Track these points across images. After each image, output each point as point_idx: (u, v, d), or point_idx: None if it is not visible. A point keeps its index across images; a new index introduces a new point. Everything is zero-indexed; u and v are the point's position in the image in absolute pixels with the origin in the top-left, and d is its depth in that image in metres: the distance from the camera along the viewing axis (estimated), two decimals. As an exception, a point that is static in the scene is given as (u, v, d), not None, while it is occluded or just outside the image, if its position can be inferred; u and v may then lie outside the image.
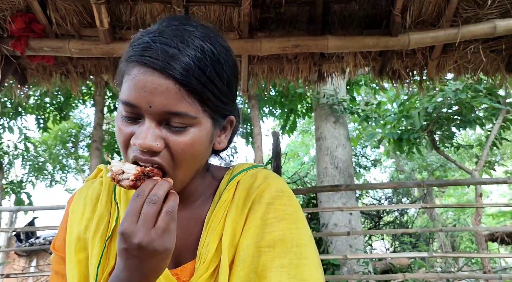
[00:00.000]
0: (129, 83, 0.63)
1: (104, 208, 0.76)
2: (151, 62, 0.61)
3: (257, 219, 0.70)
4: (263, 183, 0.74)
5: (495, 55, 3.21)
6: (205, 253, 0.70)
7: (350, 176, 5.66)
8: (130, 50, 0.66)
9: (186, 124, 0.64)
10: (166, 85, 0.61)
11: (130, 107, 0.64)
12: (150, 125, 0.63)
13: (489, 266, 4.77)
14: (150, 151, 0.63)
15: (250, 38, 2.90)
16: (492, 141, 5.37)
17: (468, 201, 17.70)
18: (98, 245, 0.71)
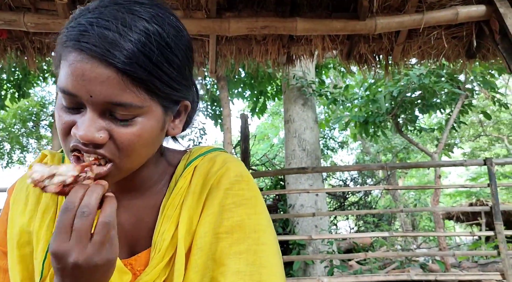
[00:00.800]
0: (66, 70, 0.57)
1: (50, 198, 0.70)
2: (89, 49, 0.55)
3: (215, 206, 0.67)
4: (221, 168, 0.70)
5: (457, 41, 3.31)
6: (160, 242, 0.67)
7: (317, 158, 5.76)
8: (66, 32, 0.59)
9: (132, 114, 0.59)
10: (107, 74, 0.55)
11: (69, 96, 0.58)
12: (92, 116, 0.57)
13: (444, 243, 5.04)
14: (93, 144, 0.58)
15: (218, 17, 2.84)
16: (452, 125, 5.59)
17: (429, 182, 18.52)
18: (44, 239, 0.65)
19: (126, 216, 0.71)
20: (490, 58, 3.48)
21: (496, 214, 3.50)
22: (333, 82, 11.35)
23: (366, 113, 5.61)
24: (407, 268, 4.80)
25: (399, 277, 3.44)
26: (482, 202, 10.49)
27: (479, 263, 5.68)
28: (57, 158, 0.76)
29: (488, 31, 3.02)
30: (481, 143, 17.49)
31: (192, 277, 0.64)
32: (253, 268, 0.62)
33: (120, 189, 0.70)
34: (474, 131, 15.69)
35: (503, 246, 3.49)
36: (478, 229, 11.80)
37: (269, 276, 0.62)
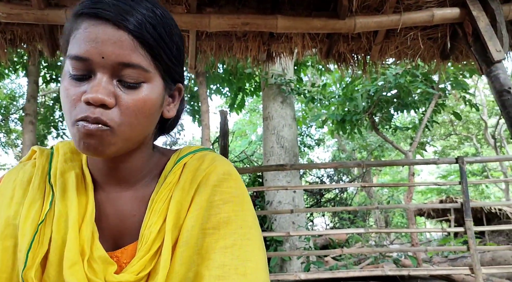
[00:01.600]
0: (79, 36, 0.61)
1: (36, 191, 0.70)
2: (103, 13, 0.60)
3: (203, 201, 0.68)
4: (210, 166, 0.72)
5: (432, 42, 3.39)
6: (147, 234, 0.67)
7: (295, 155, 5.80)
8: (78, 6, 0.63)
9: (139, 79, 0.62)
10: (119, 35, 0.60)
11: (80, 62, 0.60)
12: (102, 79, 0.60)
13: (416, 239, 5.20)
14: (101, 107, 0.60)
15: (199, 13, 2.81)
16: (425, 124, 5.75)
17: (402, 179, 19.01)
18: (29, 230, 0.65)
19: (113, 209, 0.72)
20: (462, 60, 3.59)
21: (466, 211, 3.63)
22: (310, 80, 11.45)
23: (343, 111, 5.70)
24: (381, 263, 4.92)
25: (373, 272, 3.52)
26: (452, 199, 10.87)
27: (449, 258, 5.89)
28: (45, 154, 0.76)
29: (462, 33, 3.12)
30: (451, 142, 18.09)
31: (177, 269, 0.65)
32: (238, 261, 0.63)
33: (109, 180, 0.71)
34: (445, 130, 16.20)
35: (472, 241, 3.62)
36: (447, 225, 12.21)
37: (254, 270, 0.63)
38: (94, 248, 0.66)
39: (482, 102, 15.04)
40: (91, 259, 0.65)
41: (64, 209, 0.67)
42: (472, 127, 16.18)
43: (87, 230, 0.66)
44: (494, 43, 2.83)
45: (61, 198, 0.68)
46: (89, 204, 0.69)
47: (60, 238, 0.65)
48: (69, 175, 0.71)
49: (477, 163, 10.00)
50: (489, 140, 14.76)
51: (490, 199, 19.92)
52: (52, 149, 0.77)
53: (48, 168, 0.73)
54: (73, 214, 0.66)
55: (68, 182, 0.70)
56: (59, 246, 0.65)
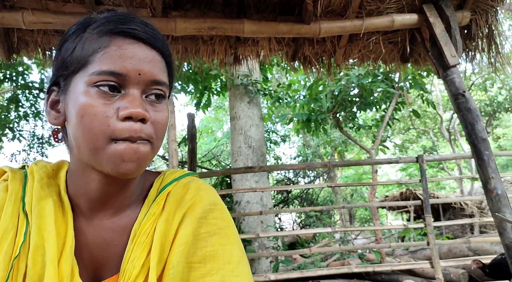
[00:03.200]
0: (113, 53, 0.62)
1: (9, 220, 0.64)
2: (140, 34, 0.64)
3: (188, 235, 0.67)
4: (195, 196, 0.71)
5: (392, 46, 3.52)
6: (130, 268, 0.65)
7: (263, 154, 5.85)
8: (106, 24, 0.64)
9: (163, 96, 0.66)
10: (153, 55, 0.64)
11: (114, 77, 0.61)
12: (137, 94, 0.62)
13: (380, 233, 5.39)
14: (141, 122, 0.61)
15: (164, 17, 2.77)
16: (387, 121, 5.96)
17: (364, 173, 19.60)
18: (2, 267, 0.60)
19: (94, 237, 0.68)
20: (421, 63, 3.75)
21: (426, 207, 3.81)
22: (276, 78, 11.54)
23: (309, 111, 5.80)
24: (347, 258, 5.08)
25: (340, 270, 3.63)
26: (411, 191, 11.34)
27: (410, 251, 6.16)
28: (18, 178, 0.70)
29: (420, 38, 3.25)
30: (410, 136, 18.81)
31: None
32: None
33: (96, 206, 0.68)
34: (404, 124, 16.81)
35: (432, 236, 3.81)
36: (407, 215, 12.75)
37: None
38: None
39: (437, 98, 15.73)
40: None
41: (40, 242, 0.62)
42: (429, 122, 16.89)
43: (66, 265, 0.63)
44: (449, 49, 2.97)
45: (37, 229, 0.63)
46: (68, 235, 0.65)
47: (36, 274, 0.61)
48: (46, 202, 0.66)
49: (435, 161, 10.47)
50: (445, 133, 15.47)
51: (445, 190, 20.92)
52: (25, 170, 0.72)
53: (22, 194, 0.67)
54: (51, 247, 0.62)
55: (45, 211, 0.65)
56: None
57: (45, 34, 2.84)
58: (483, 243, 4.97)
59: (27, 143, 8.50)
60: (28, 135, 8.53)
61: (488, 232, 8.88)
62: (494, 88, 14.82)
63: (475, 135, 2.82)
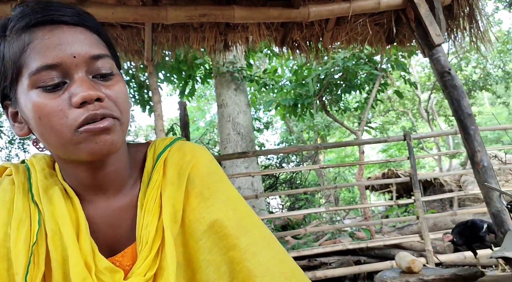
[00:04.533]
0: (39, 48, 0.59)
1: (22, 211, 0.66)
2: (57, 17, 0.60)
3: (198, 195, 0.72)
4: (194, 157, 0.74)
5: (378, 28, 3.60)
6: (145, 234, 0.68)
7: (252, 140, 5.91)
8: (20, 20, 0.61)
9: (111, 69, 0.64)
10: (80, 32, 0.62)
11: (52, 70, 0.59)
12: (82, 77, 0.60)
13: (369, 212, 5.56)
14: (98, 101, 0.60)
15: (155, 5, 2.76)
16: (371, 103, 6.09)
17: (346, 156, 19.94)
18: (23, 253, 0.63)
19: (103, 220, 0.71)
20: (406, 43, 3.85)
21: (415, 183, 3.96)
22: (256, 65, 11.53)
23: (295, 95, 5.87)
24: (338, 238, 5.22)
25: (335, 248, 3.76)
26: (393, 171, 11.61)
27: (397, 227, 6.38)
28: (22, 171, 0.72)
29: (405, 19, 3.33)
30: (389, 118, 19.18)
31: (208, 258, 0.68)
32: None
33: (94, 191, 0.70)
34: (384, 106, 17.11)
35: (421, 211, 3.97)
36: (390, 196, 13.08)
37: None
38: (97, 260, 0.66)
39: (415, 79, 16.05)
40: (98, 272, 0.65)
41: (56, 227, 0.65)
42: (408, 103, 17.23)
43: (86, 244, 0.65)
44: (434, 28, 3.06)
45: (50, 216, 0.65)
46: (81, 219, 0.67)
47: (60, 256, 0.64)
48: (54, 191, 0.68)
49: (422, 138, 10.74)
50: (423, 113, 15.85)
51: (425, 169, 21.51)
52: (26, 164, 0.74)
53: (28, 186, 0.70)
54: (68, 230, 0.65)
55: (54, 198, 0.67)
56: (60, 264, 0.64)
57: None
58: (466, 216, 5.19)
59: (8, 139, 8.29)
60: (8, 131, 8.32)
61: (468, 206, 9.24)
62: (469, 67, 15.21)
63: (461, 110, 2.95)
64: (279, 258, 0.70)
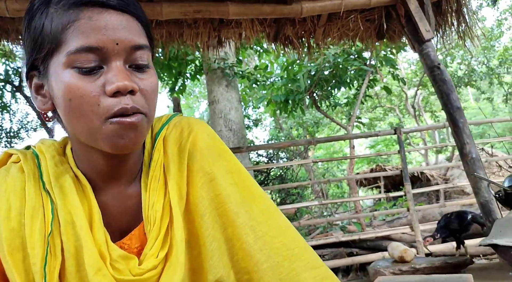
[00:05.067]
0: (83, 27, 0.58)
1: (34, 200, 0.66)
2: (107, 1, 0.59)
3: (204, 168, 0.71)
4: (191, 133, 0.73)
5: (369, 24, 3.67)
6: (152, 214, 0.67)
7: (243, 137, 5.93)
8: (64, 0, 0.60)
9: (148, 60, 0.63)
10: (126, 20, 0.61)
11: (91, 53, 0.58)
12: (119, 66, 0.60)
13: (359, 206, 5.66)
14: (130, 94, 0.59)
15: (150, 1, 2.77)
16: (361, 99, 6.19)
17: (334, 152, 20.10)
18: (39, 244, 0.63)
19: (116, 208, 0.71)
20: (395, 39, 3.92)
21: (405, 176, 4.05)
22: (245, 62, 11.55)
23: (286, 91, 5.92)
24: (330, 232, 5.30)
25: (329, 240, 3.83)
26: (381, 167, 11.77)
27: (386, 221, 6.50)
28: (30, 158, 0.70)
29: (395, 15, 3.40)
30: (377, 114, 19.39)
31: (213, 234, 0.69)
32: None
33: (109, 179, 0.69)
34: (371, 103, 17.29)
35: (411, 203, 4.06)
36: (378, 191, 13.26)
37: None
38: (111, 249, 0.65)
39: (402, 75, 16.26)
40: (112, 261, 0.64)
41: (69, 217, 0.64)
42: (395, 99, 17.45)
43: (99, 234, 0.65)
44: (424, 24, 3.13)
45: (63, 206, 0.65)
46: (93, 208, 0.67)
47: (73, 246, 0.63)
48: (65, 179, 0.67)
49: (411, 132, 10.90)
50: (410, 109, 16.06)
51: (412, 164, 21.84)
52: (33, 150, 0.72)
53: (39, 174, 0.68)
54: (81, 220, 0.64)
55: (65, 187, 0.66)
56: (73, 254, 0.63)
57: (27, 22, 2.77)
58: (453, 207, 5.31)
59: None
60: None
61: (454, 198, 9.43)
62: (454, 64, 15.48)
63: (450, 104, 3.03)
64: (280, 229, 0.70)
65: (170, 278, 0.64)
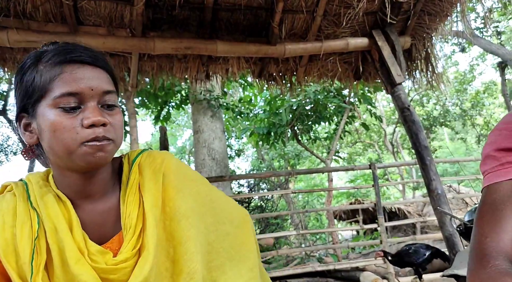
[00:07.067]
0: (67, 78, 0.77)
1: (23, 214, 0.83)
2: (85, 59, 0.80)
3: (177, 182, 0.91)
4: (164, 160, 0.93)
5: (347, 66, 3.95)
6: (129, 222, 0.85)
7: (226, 166, 6.07)
8: (56, 56, 0.80)
9: (115, 101, 0.82)
10: (98, 72, 0.81)
11: (72, 97, 0.77)
12: (95, 106, 0.78)
13: (337, 238, 5.79)
14: (102, 126, 0.78)
15: (143, 37, 2.97)
16: (339, 134, 6.46)
17: (315, 185, 20.31)
18: (27, 247, 0.80)
19: (90, 219, 0.87)
20: (370, 80, 4.22)
21: (378, 209, 4.24)
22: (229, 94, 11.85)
23: (269, 124, 6.15)
24: (307, 263, 5.39)
25: (305, 269, 3.93)
26: (360, 201, 12.00)
27: (362, 254, 6.63)
28: (20, 185, 0.89)
29: (370, 59, 3.70)
30: (357, 149, 19.85)
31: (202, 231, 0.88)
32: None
33: (82, 196, 0.86)
34: (351, 138, 17.76)
35: (384, 235, 4.23)
36: (357, 225, 13.40)
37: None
38: (89, 245, 0.81)
39: (380, 112, 16.83)
40: (90, 254, 0.80)
41: (52, 225, 0.81)
42: (374, 135, 17.97)
43: (78, 235, 0.81)
44: (396, 69, 3.42)
45: (47, 217, 0.82)
46: (72, 216, 0.83)
47: (57, 247, 0.80)
48: (48, 197, 0.84)
49: (386, 168, 11.23)
50: (388, 146, 16.54)
51: (390, 199, 22.19)
52: (23, 180, 0.91)
53: (27, 196, 0.86)
54: (62, 226, 0.81)
55: (48, 203, 0.83)
56: (57, 253, 0.80)
57: (26, 51, 2.92)
58: (425, 241, 5.50)
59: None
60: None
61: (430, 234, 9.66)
62: (430, 104, 16.17)
63: (419, 143, 3.28)
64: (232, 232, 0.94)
65: (142, 267, 0.82)
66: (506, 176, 0.75)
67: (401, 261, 3.72)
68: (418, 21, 3.60)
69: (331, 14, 3.36)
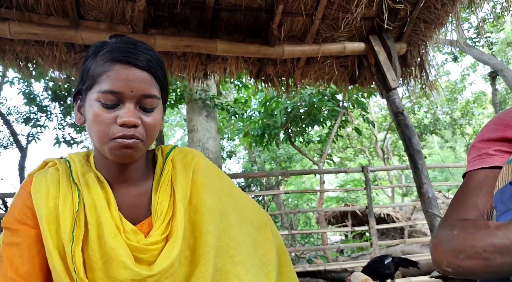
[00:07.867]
0: (112, 76, 0.83)
1: (66, 188, 0.91)
2: (133, 60, 0.84)
3: (203, 178, 0.98)
4: (194, 157, 1.00)
5: (343, 69, 4.01)
6: (160, 209, 0.91)
7: (219, 166, 6.08)
8: (109, 54, 0.85)
9: (153, 105, 0.87)
10: (143, 75, 0.85)
11: (113, 95, 0.83)
12: (130, 107, 0.84)
13: (327, 240, 5.84)
14: (133, 127, 0.83)
15: (144, 33, 3.00)
16: (332, 138, 6.53)
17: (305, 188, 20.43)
18: (69, 217, 0.87)
19: (123, 201, 0.94)
20: (365, 85, 4.28)
21: (370, 212, 4.31)
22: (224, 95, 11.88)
23: (263, 125, 6.19)
24: (297, 264, 5.43)
25: (296, 269, 3.95)
26: (349, 205, 12.10)
27: (352, 257, 6.69)
28: (63, 162, 0.97)
29: (367, 63, 3.77)
30: (348, 154, 20.01)
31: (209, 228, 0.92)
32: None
33: (117, 180, 0.94)
34: (343, 143, 17.90)
35: (375, 237, 4.29)
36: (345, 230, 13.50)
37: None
38: (124, 224, 0.89)
39: (372, 118, 17.01)
40: (125, 232, 0.87)
41: (92, 201, 0.88)
42: (365, 141, 18.14)
43: (115, 213, 0.89)
44: (391, 74, 3.49)
45: (87, 193, 0.89)
46: (110, 196, 0.91)
47: (95, 221, 0.87)
48: (89, 176, 0.92)
49: (378, 171, 11.34)
50: (379, 152, 16.71)
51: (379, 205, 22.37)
52: (65, 159, 0.99)
53: (69, 172, 0.94)
54: (101, 203, 0.88)
55: (89, 181, 0.91)
56: (95, 227, 0.86)
57: (25, 44, 2.93)
58: (414, 247, 5.58)
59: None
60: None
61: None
62: (421, 111, 16.38)
63: (411, 147, 3.34)
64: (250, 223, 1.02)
65: (170, 251, 0.88)
66: (481, 165, 0.85)
67: (372, 272, 3.66)
68: (414, 28, 3.67)
69: (330, 18, 3.42)
